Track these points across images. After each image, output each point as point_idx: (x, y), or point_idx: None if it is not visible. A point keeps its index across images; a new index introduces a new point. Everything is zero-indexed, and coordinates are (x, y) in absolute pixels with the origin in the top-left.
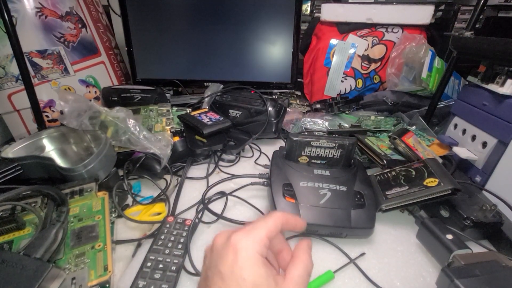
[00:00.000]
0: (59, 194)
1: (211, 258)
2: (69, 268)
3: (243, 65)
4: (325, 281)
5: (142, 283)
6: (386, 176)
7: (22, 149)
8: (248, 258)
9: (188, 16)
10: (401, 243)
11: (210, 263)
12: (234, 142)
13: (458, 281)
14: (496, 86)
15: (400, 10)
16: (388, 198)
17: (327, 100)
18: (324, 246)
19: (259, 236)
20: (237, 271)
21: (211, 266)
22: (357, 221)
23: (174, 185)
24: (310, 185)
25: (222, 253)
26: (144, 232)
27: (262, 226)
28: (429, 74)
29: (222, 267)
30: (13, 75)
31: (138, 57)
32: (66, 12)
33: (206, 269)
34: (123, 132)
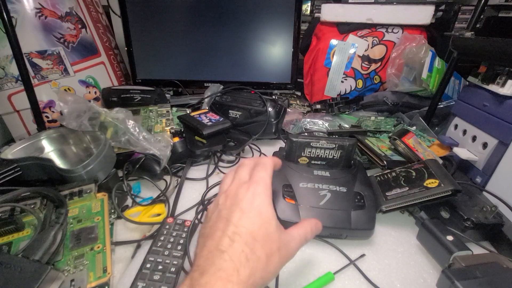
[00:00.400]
0: (58, 195)
1: (225, 204)
2: (68, 270)
3: (243, 66)
4: (325, 282)
5: (141, 284)
6: (386, 177)
7: (22, 150)
8: (265, 201)
9: (188, 17)
10: (401, 244)
11: (225, 204)
12: (234, 142)
13: (458, 283)
14: (497, 86)
15: (400, 10)
16: (388, 199)
17: (327, 100)
18: (324, 248)
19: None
20: (255, 207)
21: (228, 207)
22: (357, 222)
23: (174, 186)
24: (310, 186)
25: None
26: (144, 233)
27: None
28: (429, 75)
29: (242, 202)
30: (13, 75)
31: (138, 58)
32: (66, 12)
33: (219, 210)
34: (122, 133)
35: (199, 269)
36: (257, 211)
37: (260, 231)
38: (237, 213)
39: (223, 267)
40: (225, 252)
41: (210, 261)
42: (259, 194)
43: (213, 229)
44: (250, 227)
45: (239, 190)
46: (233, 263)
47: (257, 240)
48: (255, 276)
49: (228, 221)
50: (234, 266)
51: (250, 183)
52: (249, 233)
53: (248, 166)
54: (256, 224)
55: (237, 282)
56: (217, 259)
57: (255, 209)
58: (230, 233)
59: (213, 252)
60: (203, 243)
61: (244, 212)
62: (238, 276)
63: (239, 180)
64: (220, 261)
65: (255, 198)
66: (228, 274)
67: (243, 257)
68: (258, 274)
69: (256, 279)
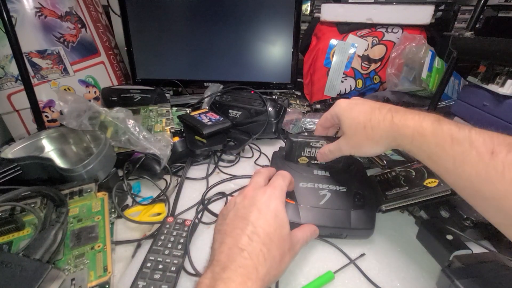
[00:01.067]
0: (58, 194)
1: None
2: (69, 269)
3: (243, 65)
4: (325, 281)
5: (141, 283)
6: (386, 176)
7: (22, 149)
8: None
9: (188, 16)
10: (401, 243)
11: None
12: (234, 142)
13: (458, 281)
14: (496, 86)
15: (400, 10)
16: (388, 198)
17: (327, 100)
18: (324, 247)
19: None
20: (272, 211)
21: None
22: (357, 221)
23: (174, 185)
24: (310, 186)
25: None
26: (144, 233)
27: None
28: (429, 74)
29: (260, 205)
30: (12, 75)
31: (138, 57)
32: (66, 12)
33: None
34: (122, 133)
35: (220, 264)
36: (273, 213)
37: (276, 232)
38: (254, 212)
39: (244, 265)
40: (244, 250)
41: (231, 257)
42: (275, 197)
43: (231, 226)
44: (267, 228)
45: (257, 192)
46: (252, 261)
47: (273, 241)
48: (270, 274)
49: (247, 220)
50: (253, 264)
51: (268, 187)
52: (266, 234)
53: (264, 175)
54: (272, 226)
55: (256, 279)
56: (237, 256)
57: (271, 211)
58: (249, 232)
59: (233, 249)
60: (221, 240)
61: (261, 213)
62: (257, 274)
63: (256, 184)
64: (241, 258)
65: (271, 201)
66: (249, 272)
67: (261, 256)
68: (272, 272)
69: (271, 277)
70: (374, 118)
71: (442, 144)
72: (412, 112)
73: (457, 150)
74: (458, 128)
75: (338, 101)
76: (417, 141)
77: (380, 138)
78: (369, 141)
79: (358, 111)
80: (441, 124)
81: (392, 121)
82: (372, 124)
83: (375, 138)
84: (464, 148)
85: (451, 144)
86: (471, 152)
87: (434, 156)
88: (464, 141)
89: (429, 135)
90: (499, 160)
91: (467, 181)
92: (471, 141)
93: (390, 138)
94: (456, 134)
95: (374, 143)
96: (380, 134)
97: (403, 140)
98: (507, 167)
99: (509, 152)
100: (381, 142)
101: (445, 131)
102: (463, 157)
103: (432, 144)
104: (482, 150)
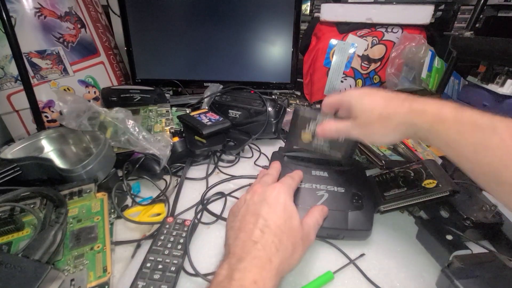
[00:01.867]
0: (58, 195)
1: (253, 199)
2: (68, 269)
3: (242, 65)
4: (325, 281)
5: (141, 283)
6: (385, 177)
7: (21, 150)
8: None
9: (188, 16)
10: (401, 243)
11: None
12: (234, 142)
13: (458, 282)
14: (496, 86)
15: (400, 10)
16: (387, 199)
17: None
18: (324, 247)
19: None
20: (281, 205)
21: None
22: (354, 223)
23: (174, 185)
24: (307, 186)
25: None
26: (144, 233)
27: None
28: (429, 74)
29: (270, 200)
30: (12, 75)
31: (137, 57)
32: (65, 12)
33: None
34: (122, 133)
35: (236, 256)
36: (282, 206)
37: (286, 224)
38: (265, 207)
39: (258, 256)
40: (258, 243)
41: (246, 250)
42: (284, 192)
43: (244, 222)
44: (277, 220)
45: (266, 189)
46: (265, 252)
47: (284, 232)
48: (284, 263)
49: (258, 215)
50: (266, 256)
51: (277, 184)
52: (277, 226)
53: (272, 176)
54: (282, 218)
55: (270, 269)
56: (252, 249)
57: (280, 205)
58: (260, 225)
59: (247, 242)
60: (235, 235)
61: (271, 207)
62: (270, 264)
63: (265, 183)
64: (255, 250)
65: (280, 195)
66: (263, 262)
67: (273, 247)
68: (286, 262)
69: (285, 266)
70: (391, 105)
71: (463, 130)
72: (431, 99)
73: (478, 136)
74: (481, 115)
75: (348, 90)
76: (436, 127)
77: (396, 126)
78: (384, 128)
79: (372, 99)
80: (463, 110)
81: (410, 107)
82: (388, 111)
83: (391, 126)
84: (487, 134)
85: (472, 131)
86: (494, 138)
87: (453, 143)
88: (487, 128)
89: (450, 121)
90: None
91: (488, 167)
92: (494, 127)
93: (407, 124)
94: (479, 121)
95: (389, 131)
96: (397, 120)
97: (421, 126)
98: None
99: None
100: (397, 129)
101: (467, 117)
102: (485, 143)
103: (452, 130)
104: (505, 136)
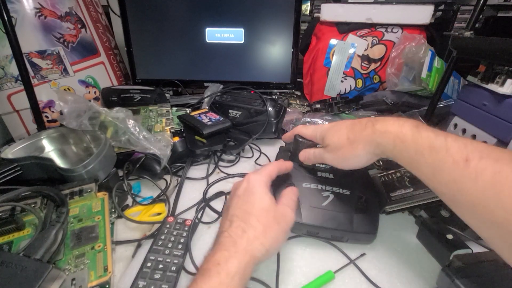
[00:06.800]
0: (59, 194)
1: (231, 196)
2: (69, 269)
3: (242, 65)
4: (326, 281)
5: (142, 283)
6: (390, 177)
7: (22, 149)
8: (257, 184)
9: (188, 16)
10: (401, 243)
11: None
12: (234, 142)
13: (458, 281)
14: (496, 86)
15: (400, 10)
16: (393, 200)
17: (327, 100)
18: (325, 247)
19: (264, 173)
20: (249, 191)
21: (232, 197)
22: (359, 225)
23: (174, 185)
24: (312, 187)
25: (238, 185)
26: (144, 233)
27: (264, 169)
28: (428, 74)
29: (238, 192)
30: (12, 75)
31: (137, 57)
32: (66, 12)
33: (226, 207)
34: (122, 133)
35: (210, 250)
36: (250, 192)
37: (254, 206)
38: (234, 200)
39: (223, 242)
40: (225, 232)
41: (216, 241)
42: (252, 180)
43: (221, 221)
44: (244, 206)
45: (237, 185)
46: (231, 238)
47: (252, 214)
48: (254, 243)
49: (228, 209)
50: (232, 240)
51: (247, 175)
52: (244, 211)
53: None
54: (250, 202)
55: (235, 251)
56: (220, 237)
57: (248, 191)
58: (229, 216)
59: (218, 235)
60: (216, 236)
61: (239, 197)
62: (234, 246)
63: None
64: (222, 238)
65: (249, 184)
66: (227, 246)
67: (239, 231)
68: (258, 241)
69: (257, 245)
70: (356, 129)
71: (421, 151)
72: (391, 119)
73: (435, 157)
74: (435, 135)
75: (319, 125)
76: (398, 147)
77: (364, 147)
78: (354, 150)
79: (338, 127)
80: (420, 131)
81: (373, 128)
82: (354, 133)
83: (359, 147)
84: (441, 155)
85: (429, 152)
86: (448, 160)
87: (415, 163)
88: (441, 149)
89: (409, 141)
90: (472, 167)
91: (445, 188)
92: (447, 148)
93: (373, 144)
94: (433, 142)
95: (358, 152)
96: (364, 141)
97: (386, 146)
98: (479, 174)
99: (481, 158)
100: (366, 150)
101: (424, 138)
102: (440, 164)
103: (412, 150)
104: (457, 158)
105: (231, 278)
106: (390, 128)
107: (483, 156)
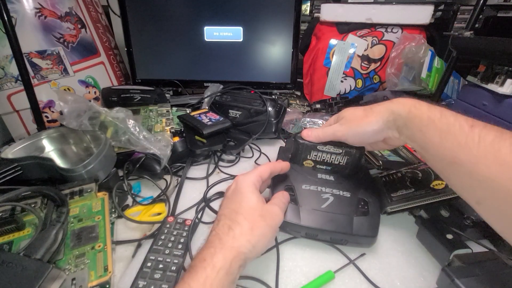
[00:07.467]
0: (59, 194)
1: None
2: (69, 268)
3: (242, 65)
4: (325, 281)
5: (142, 283)
6: (392, 177)
7: (22, 149)
8: (244, 184)
9: (187, 15)
10: (401, 243)
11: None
12: (234, 142)
13: (458, 280)
14: (496, 85)
15: (400, 10)
16: (394, 200)
17: (327, 100)
18: (325, 247)
19: (253, 174)
20: (236, 191)
21: (223, 198)
22: (359, 228)
23: (174, 185)
24: (312, 189)
25: (229, 186)
26: (144, 233)
27: (255, 169)
28: (428, 74)
29: (228, 193)
30: (12, 75)
31: (137, 58)
32: (66, 12)
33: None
34: (123, 133)
35: (199, 249)
36: (238, 192)
37: (241, 205)
38: (224, 201)
39: (210, 240)
40: (213, 230)
41: (206, 241)
42: (240, 181)
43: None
44: (232, 205)
45: (228, 187)
46: (217, 235)
47: (239, 212)
48: (240, 240)
49: (219, 210)
50: (218, 238)
51: (236, 177)
52: (231, 210)
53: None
54: (237, 201)
55: (220, 247)
56: (209, 237)
57: (236, 192)
58: (218, 216)
59: (209, 235)
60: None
61: (228, 198)
62: (220, 243)
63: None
64: (210, 237)
65: (237, 185)
66: (213, 243)
67: (225, 228)
68: (244, 238)
69: (243, 242)
70: (372, 106)
71: (433, 117)
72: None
73: (444, 122)
74: (447, 110)
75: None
76: (412, 113)
77: (377, 114)
78: (367, 117)
79: (358, 108)
80: (434, 105)
81: (390, 101)
82: (371, 107)
83: (373, 113)
84: (451, 120)
85: (440, 117)
86: (456, 124)
87: (425, 128)
88: (451, 115)
89: (424, 109)
90: (476, 132)
91: (448, 151)
92: (456, 116)
93: (387, 112)
94: (444, 111)
95: (371, 118)
96: (378, 110)
97: (400, 113)
98: (482, 138)
99: (484, 126)
100: (377, 118)
101: (437, 108)
102: (448, 129)
103: (425, 116)
104: (463, 123)
105: (216, 272)
106: (406, 101)
107: (486, 125)
